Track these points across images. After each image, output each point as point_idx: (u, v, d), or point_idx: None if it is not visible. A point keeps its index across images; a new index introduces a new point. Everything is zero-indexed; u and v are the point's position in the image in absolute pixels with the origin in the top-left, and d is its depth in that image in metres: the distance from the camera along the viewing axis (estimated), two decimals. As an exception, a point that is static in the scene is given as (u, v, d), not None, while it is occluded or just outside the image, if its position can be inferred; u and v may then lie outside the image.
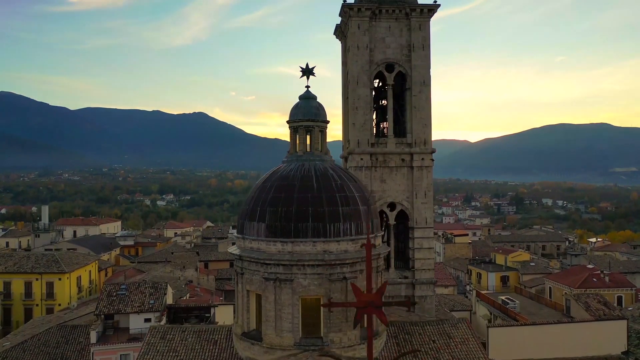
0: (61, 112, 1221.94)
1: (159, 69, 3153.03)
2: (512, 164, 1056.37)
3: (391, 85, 33.26)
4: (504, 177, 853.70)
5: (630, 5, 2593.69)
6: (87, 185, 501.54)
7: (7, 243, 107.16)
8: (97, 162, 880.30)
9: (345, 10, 33.04)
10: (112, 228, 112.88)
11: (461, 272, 79.71)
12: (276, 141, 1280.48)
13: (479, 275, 74.41)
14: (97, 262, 64.99)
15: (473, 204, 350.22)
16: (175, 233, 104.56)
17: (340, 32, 35.47)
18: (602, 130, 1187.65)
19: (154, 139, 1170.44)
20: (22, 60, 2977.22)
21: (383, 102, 34.34)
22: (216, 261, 77.66)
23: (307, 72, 26.19)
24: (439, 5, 32.93)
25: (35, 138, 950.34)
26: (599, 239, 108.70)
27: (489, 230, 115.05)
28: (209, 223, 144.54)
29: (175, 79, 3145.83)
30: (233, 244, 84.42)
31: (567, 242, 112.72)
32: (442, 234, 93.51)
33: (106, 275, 71.70)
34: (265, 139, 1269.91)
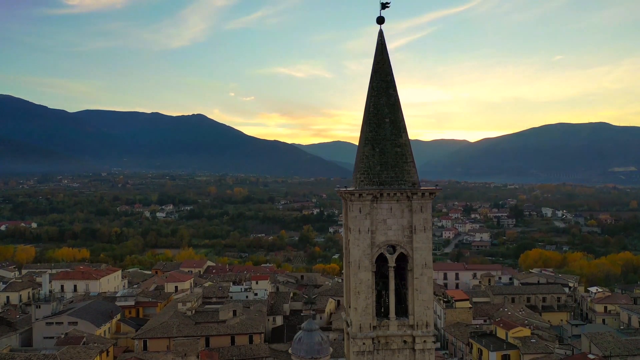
0: (60, 115, 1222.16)
1: (158, 70, 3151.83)
2: (511, 164, 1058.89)
3: (393, 267, 33.12)
4: (503, 177, 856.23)
5: (628, 3, 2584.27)
6: (86, 193, 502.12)
7: (8, 298, 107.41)
8: (96, 166, 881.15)
9: (346, 196, 32.91)
10: (113, 280, 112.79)
11: (462, 342, 79.87)
12: (275, 143, 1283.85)
13: (480, 352, 74.60)
14: (99, 355, 65.05)
15: (473, 216, 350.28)
16: (176, 287, 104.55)
17: (343, 197, 35.38)
18: (601, 130, 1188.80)
19: (153, 141, 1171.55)
20: (21, 63, 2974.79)
21: (385, 271, 34.17)
22: (217, 336, 77.82)
23: (310, 302, 26.09)
24: (440, 189, 32.81)
25: (34, 142, 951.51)
26: (599, 290, 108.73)
27: (489, 280, 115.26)
28: (209, 262, 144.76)
29: (174, 80, 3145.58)
30: (234, 312, 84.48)
31: (567, 290, 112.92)
32: (442, 295, 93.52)
33: (107, 355, 71.79)
34: (265, 140, 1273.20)
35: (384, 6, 34.84)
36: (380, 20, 34.76)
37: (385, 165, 33.51)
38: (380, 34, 34.95)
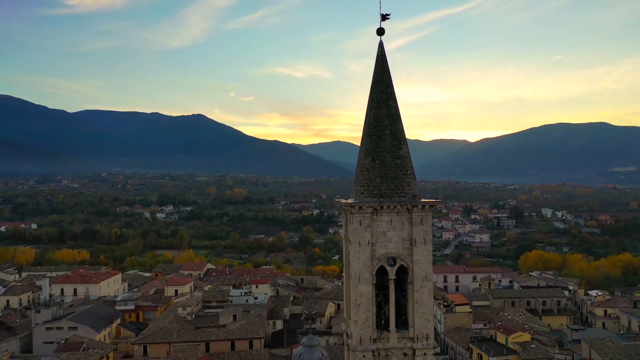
0: (60, 115, 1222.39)
1: (158, 70, 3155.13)
2: (511, 164, 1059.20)
3: (393, 280, 33.12)
4: (503, 177, 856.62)
5: (628, 3, 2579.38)
6: (86, 194, 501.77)
7: (8, 301, 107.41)
8: (96, 166, 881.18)
9: (346, 208, 32.93)
10: (113, 283, 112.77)
11: (462, 347, 79.92)
12: (275, 143, 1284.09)
13: (480, 357, 74.64)
14: (99, 363, 65.12)
15: (473, 216, 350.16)
16: (176, 291, 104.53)
17: (343, 209, 35.37)
18: (601, 130, 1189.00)
19: (153, 141, 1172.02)
20: (20, 63, 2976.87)
21: (386, 282, 34.16)
22: (217, 341, 77.76)
23: (310, 317, 26.07)
24: (440, 201, 32.81)
25: (34, 142, 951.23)
26: (599, 293, 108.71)
27: (489, 283, 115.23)
28: (209, 265, 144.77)
29: (174, 80, 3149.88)
30: (234, 316, 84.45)
31: (568, 293, 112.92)
32: (442, 299, 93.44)
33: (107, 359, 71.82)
34: (264, 140, 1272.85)
35: (384, 18, 34.82)
36: (381, 32, 34.72)
37: (385, 177, 33.48)
38: (381, 45, 34.92)
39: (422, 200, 32.95)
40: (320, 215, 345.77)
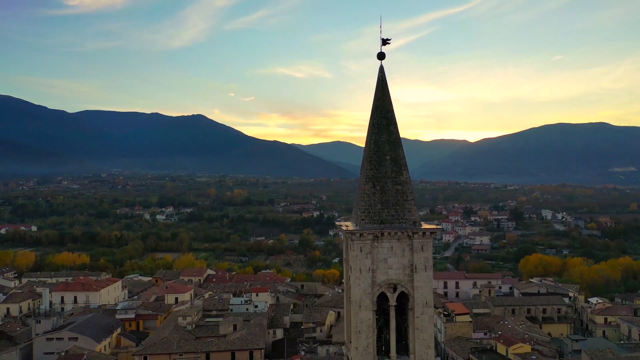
0: (60, 116, 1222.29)
1: (158, 71, 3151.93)
2: (510, 164, 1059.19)
3: (394, 306, 33.12)
4: (503, 178, 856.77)
5: (628, 3, 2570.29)
6: (86, 195, 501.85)
7: (8, 309, 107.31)
8: (96, 166, 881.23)
9: (347, 235, 32.93)
10: (113, 290, 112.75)
11: (462, 358, 79.92)
12: (275, 143, 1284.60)
13: (481, 368, 74.80)
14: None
15: (473, 218, 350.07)
16: (176, 299, 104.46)
17: (344, 235, 35.39)
18: (601, 130, 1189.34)
19: (153, 142, 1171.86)
20: (21, 63, 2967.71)
21: (386, 307, 34.17)
22: (217, 352, 77.81)
23: (311, 351, 26.03)
24: (440, 228, 32.82)
25: (34, 143, 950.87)
26: (599, 300, 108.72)
27: (489, 291, 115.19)
28: (209, 271, 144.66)
29: (174, 80, 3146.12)
30: (234, 326, 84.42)
31: (568, 300, 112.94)
32: (443, 308, 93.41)
33: (108, 371, 71.95)
34: (264, 141, 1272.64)
35: (384, 42, 34.76)
36: (381, 56, 34.61)
37: (386, 203, 33.42)
38: (381, 70, 34.78)
39: (423, 227, 32.96)
40: (321, 217, 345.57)
